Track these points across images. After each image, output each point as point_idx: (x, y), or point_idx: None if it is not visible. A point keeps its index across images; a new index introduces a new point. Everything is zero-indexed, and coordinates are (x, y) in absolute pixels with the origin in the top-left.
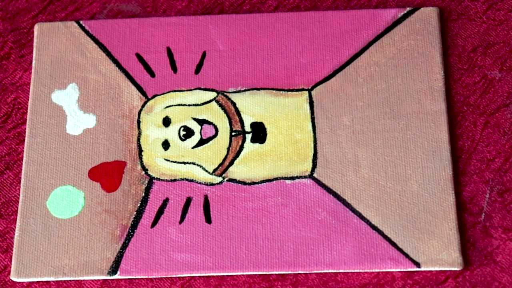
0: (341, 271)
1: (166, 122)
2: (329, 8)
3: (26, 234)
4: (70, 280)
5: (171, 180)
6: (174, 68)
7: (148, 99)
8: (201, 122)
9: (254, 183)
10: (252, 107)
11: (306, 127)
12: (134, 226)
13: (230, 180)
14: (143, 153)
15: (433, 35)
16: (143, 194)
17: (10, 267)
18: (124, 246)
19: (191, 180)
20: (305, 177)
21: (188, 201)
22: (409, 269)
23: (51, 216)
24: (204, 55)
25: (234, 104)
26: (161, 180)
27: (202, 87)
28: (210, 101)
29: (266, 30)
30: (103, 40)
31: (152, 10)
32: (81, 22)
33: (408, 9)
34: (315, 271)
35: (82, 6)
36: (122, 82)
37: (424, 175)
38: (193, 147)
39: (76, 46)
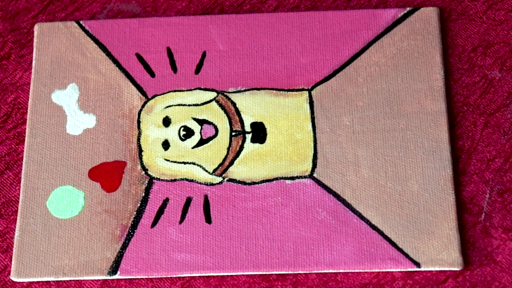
0: (341, 271)
1: (166, 122)
2: (329, 8)
3: (26, 234)
4: (70, 280)
5: (171, 180)
6: (174, 68)
7: (148, 99)
8: (201, 122)
9: (254, 183)
10: (252, 107)
11: (306, 127)
12: (134, 226)
13: (230, 180)
14: (143, 153)
15: (433, 35)
16: (143, 194)
17: (10, 267)
18: (124, 246)
19: (191, 180)
20: (305, 177)
21: (188, 201)
22: (409, 269)
23: (51, 216)
24: (204, 55)
25: (234, 104)
26: (161, 180)
27: (202, 87)
28: (210, 101)
29: (266, 30)
30: (103, 40)
31: (152, 10)
32: (81, 22)
33: (408, 9)
34: (315, 271)
35: (82, 6)
36: (122, 82)
37: (424, 175)
38: (193, 147)
39: (76, 46)
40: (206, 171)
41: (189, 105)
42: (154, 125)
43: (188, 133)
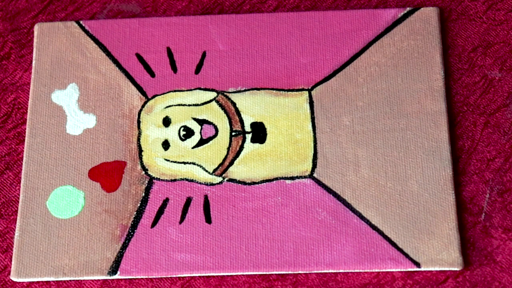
0: (341, 271)
1: (166, 122)
2: (329, 8)
3: (26, 234)
4: (70, 280)
5: (171, 180)
6: (174, 68)
7: (148, 99)
8: (201, 122)
9: (254, 183)
10: (252, 107)
11: (306, 127)
12: (134, 226)
13: (230, 180)
14: (143, 153)
15: (433, 35)
16: (143, 194)
17: (10, 267)
18: (124, 246)
19: (191, 180)
20: (305, 177)
21: (188, 201)
22: (409, 269)
23: (51, 216)
24: (204, 55)
25: (234, 104)
26: (161, 180)
27: (202, 87)
28: (210, 101)
29: (266, 30)
30: (103, 40)
31: (152, 10)
32: (81, 22)
33: (408, 9)
34: (315, 271)
35: (82, 6)
36: (122, 82)
37: (424, 175)
38: (193, 147)
39: (76, 46)
40: (206, 171)
41: (189, 105)
42: (154, 125)
43: (188, 133)
